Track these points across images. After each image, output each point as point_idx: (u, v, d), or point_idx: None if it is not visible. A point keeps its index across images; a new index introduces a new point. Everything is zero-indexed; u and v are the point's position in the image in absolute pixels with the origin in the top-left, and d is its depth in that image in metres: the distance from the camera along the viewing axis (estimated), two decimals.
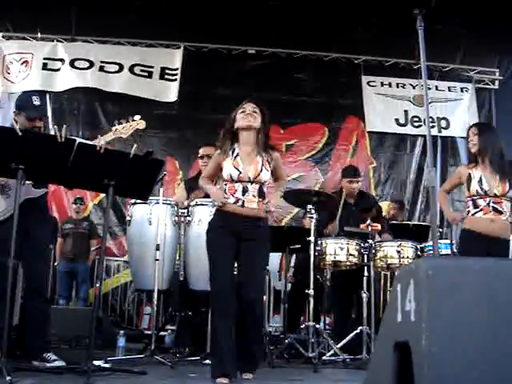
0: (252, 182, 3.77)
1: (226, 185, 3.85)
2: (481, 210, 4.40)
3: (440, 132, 8.83)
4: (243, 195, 3.76)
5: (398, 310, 1.58)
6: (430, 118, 8.22)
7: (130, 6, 8.23)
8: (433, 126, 8.51)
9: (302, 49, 8.87)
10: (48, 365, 3.91)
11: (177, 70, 8.47)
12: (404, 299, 1.54)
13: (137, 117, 4.15)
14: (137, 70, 8.53)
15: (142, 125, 4.17)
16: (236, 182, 3.79)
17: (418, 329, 1.44)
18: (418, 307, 1.46)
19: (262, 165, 3.80)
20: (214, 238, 3.82)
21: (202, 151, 5.62)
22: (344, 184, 5.90)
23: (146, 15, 8.27)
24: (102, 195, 8.04)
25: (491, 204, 4.37)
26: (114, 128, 4.04)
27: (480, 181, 4.38)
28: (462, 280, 1.47)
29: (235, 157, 3.83)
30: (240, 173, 3.76)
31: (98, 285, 3.94)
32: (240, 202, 3.77)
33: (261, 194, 3.80)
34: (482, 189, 4.36)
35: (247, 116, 3.82)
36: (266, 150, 3.87)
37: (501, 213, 4.37)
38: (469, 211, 4.50)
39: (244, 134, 3.88)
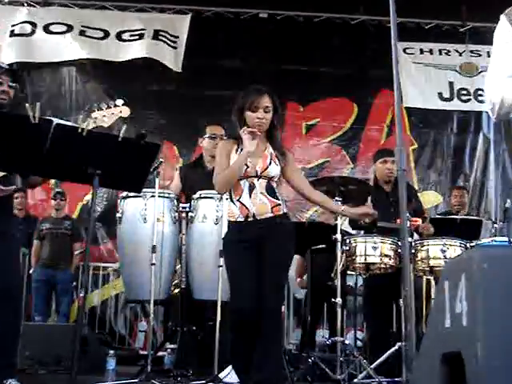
0: (259, 178, 3.90)
1: None
2: None
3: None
4: (250, 192, 3.87)
5: (445, 314, 1.54)
6: (480, 90, 8.12)
7: None
8: (482, 101, 8.37)
9: (323, 11, 8.80)
10: None
11: (177, 37, 8.47)
12: (453, 299, 1.49)
13: (119, 101, 3.99)
14: (126, 36, 8.50)
15: (125, 112, 4.03)
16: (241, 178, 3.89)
17: (471, 336, 1.39)
18: (472, 308, 1.41)
19: (271, 159, 3.94)
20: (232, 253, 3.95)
21: (209, 130, 5.65)
22: (378, 167, 5.81)
23: None
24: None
25: None
26: (93, 116, 3.87)
27: None
28: None
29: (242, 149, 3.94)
30: (247, 167, 3.87)
31: (81, 294, 3.89)
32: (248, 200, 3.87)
33: (270, 192, 3.92)
34: None
35: (258, 121, 3.87)
36: (282, 151, 4.03)
37: None
38: None
39: None
